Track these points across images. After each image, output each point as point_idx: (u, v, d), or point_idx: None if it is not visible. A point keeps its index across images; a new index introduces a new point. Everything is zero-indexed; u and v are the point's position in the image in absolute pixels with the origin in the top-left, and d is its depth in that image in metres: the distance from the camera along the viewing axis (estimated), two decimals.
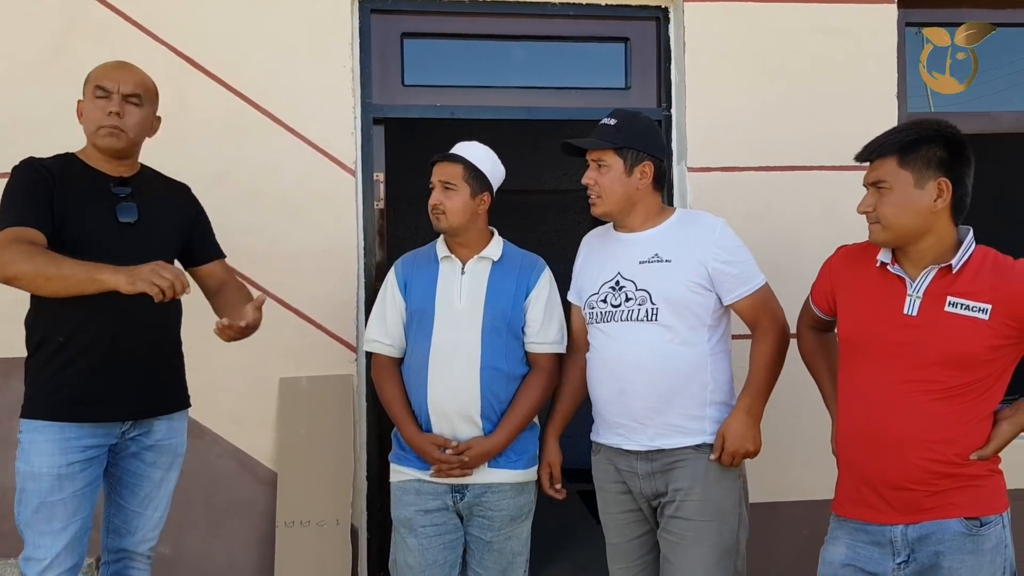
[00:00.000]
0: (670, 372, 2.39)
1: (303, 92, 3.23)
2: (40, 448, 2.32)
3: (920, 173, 2.01)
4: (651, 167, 2.48)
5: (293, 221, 3.23)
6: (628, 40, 3.53)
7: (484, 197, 2.62)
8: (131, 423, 2.44)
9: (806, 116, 3.40)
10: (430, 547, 2.55)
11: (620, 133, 2.49)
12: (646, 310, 2.41)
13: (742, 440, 2.38)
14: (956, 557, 2.00)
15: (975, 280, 2.02)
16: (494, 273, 2.62)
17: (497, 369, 2.55)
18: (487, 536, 2.58)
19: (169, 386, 2.54)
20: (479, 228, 2.64)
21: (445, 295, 2.59)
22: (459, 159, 2.61)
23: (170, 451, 2.53)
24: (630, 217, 2.51)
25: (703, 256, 2.41)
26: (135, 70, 2.46)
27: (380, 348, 2.67)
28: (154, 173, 2.57)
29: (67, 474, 2.32)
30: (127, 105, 2.40)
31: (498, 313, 2.57)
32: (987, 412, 2.04)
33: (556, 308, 2.68)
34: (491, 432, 2.55)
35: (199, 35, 3.20)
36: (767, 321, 2.46)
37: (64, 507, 2.32)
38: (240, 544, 3.22)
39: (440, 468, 2.53)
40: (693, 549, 2.36)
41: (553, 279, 2.71)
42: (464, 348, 2.54)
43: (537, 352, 2.64)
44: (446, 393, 2.53)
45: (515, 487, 2.60)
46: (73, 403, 2.34)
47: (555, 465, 2.65)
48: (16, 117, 3.10)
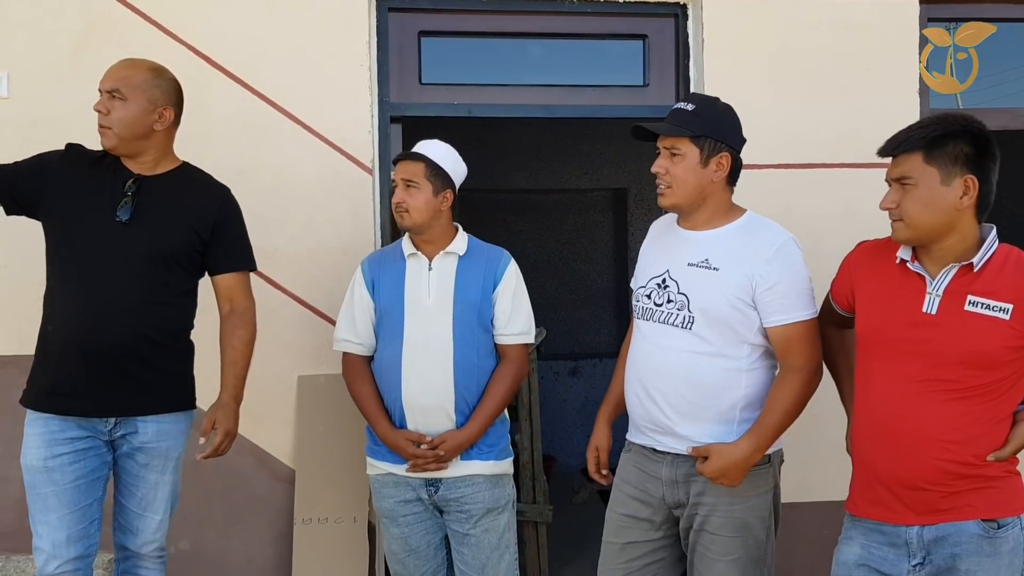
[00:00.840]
0: (696, 384, 2.27)
1: (321, 91, 3.24)
2: (30, 441, 2.39)
3: (946, 169, 1.97)
4: (728, 159, 2.31)
5: (311, 219, 3.24)
6: (646, 37, 3.51)
7: (447, 195, 2.65)
8: (115, 421, 2.44)
9: (826, 113, 3.37)
10: (412, 534, 2.64)
11: (698, 120, 2.30)
12: (683, 316, 2.30)
13: (724, 472, 2.24)
14: (973, 560, 1.97)
15: (997, 279, 1.98)
16: (460, 267, 2.64)
17: (470, 362, 2.59)
18: (464, 529, 2.62)
19: (151, 387, 2.47)
20: (443, 225, 2.66)
21: (414, 292, 2.62)
22: (420, 157, 2.63)
23: (160, 454, 2.50)
24: (698, 212, 2.34)
25: (752, 272, 2.24)
26: (121, 65, 2.47)
27: (350, 347, 2.72)
28: (189, 173, 2.57)
29: (55, 466, 2.36)
30: (112, 101, 2.42)
31: (467, 306, 2.60)
32: (1006, 413, 2.01)
33: (523, 299, 2.70)
34: (463, 425, 2.58)
35: (218, 34, 3.22)
36: (797, 359, 2.27)
37: (57, 499, 2.35)
38: (258, 540, 3.24)
39: (416, 463, 2.56)
40: (718, 564, 2.31)
41: (519, 271, 2.72)
42: (436, 343, 2.58)
43: (505, 344, 2.67)
44: (420, 388, 2.57)
45: (489, 479, 2.62)
46: (47, 393, 2.39)
47: (603, 450, 2.56)
48: (38, 116, 3.13)
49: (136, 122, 2.43)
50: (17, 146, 3.05)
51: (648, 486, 2.39)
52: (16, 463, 2.71)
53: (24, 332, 3.00)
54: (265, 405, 3.22)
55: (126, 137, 2.44)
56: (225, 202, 2.59)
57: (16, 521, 3.07)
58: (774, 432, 2.28)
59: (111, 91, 2.42)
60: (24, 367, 3.03)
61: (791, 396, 2.26)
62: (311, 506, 3.16)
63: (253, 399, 3.20)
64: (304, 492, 3.18)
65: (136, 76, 2.44)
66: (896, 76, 3.40)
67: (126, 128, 2.42)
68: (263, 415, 3.23)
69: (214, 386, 2.68)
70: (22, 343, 3.05)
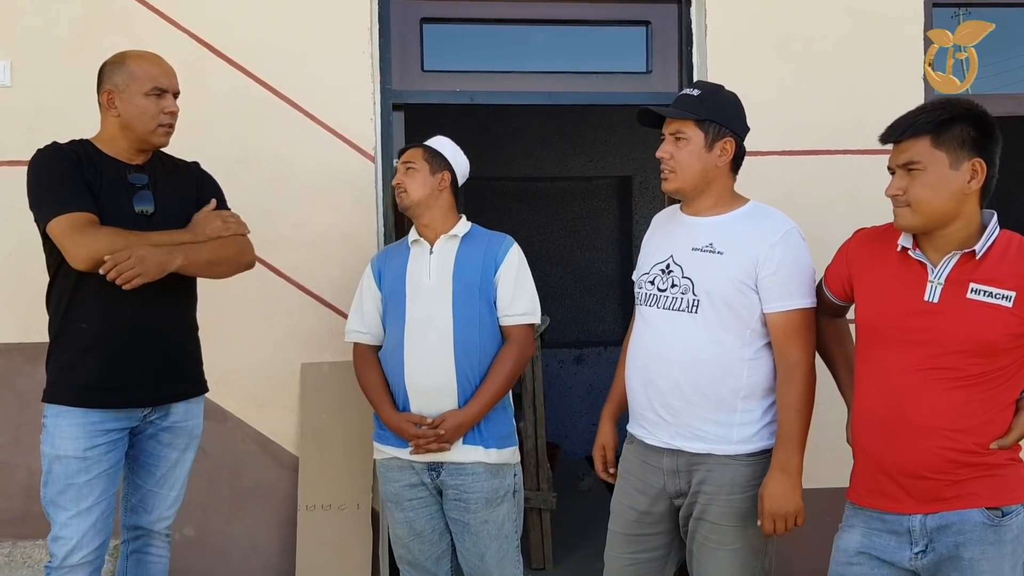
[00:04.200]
0: (697, 370, 2.27)
1: (322, 78, 3.24)
2: (65, 432, 2.36)
3: (954, 154, 1.94)
4: (732, 144, 2.32)
5: (313, 207, 3.25)
6: (649, 23, 3.49)
7: (444, 175, 2.70)
8: (151, 408, 2.48)
9: (830, 100, 3.35)
10: (417, 519, 2.66)
11: (703, 104, 2.30)
12: (688, 300, 2.29)
13: (781, 501, 2.19)
14: (977, 548, 1.96)
15: (999, 266, 1.96)
16: (461, 249, 2.68)
17: (470, 341, 2.60)
18: (465, 518, 2.63)
19: (187, 372, 2.57)
20: (443, 207, 2.70)
21: (415, 275, 2.66)
22: (419, 144, 2.75)
23: (186, 433, 2.57)
24: (701, 197, 2.35)
25: (756, 256, 2.24)
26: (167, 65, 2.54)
27: (359, 337, 2.76)
28: (164, 158, 2.59)
29: (93, 456, 2.37)
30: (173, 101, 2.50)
31: (466, 285, 2.62)
32: (1008, 401, 1.99)
33: (526, 281, 2.71)
34: (465, 404, 2.59)
35: (219, 22, 3.22)
36: (796, 353, 2.25)
37: (91, 488, 2.37)
38: (262, 527, 3.26)
39: (418, 444, 2.57)
40: (718, 553, 2.31)
41: (522, 254, 2.73)
42: (436, 323, 2.60)
43: (509, 324, 2.67)
44: (422, 368, 2.59)
45: (489, 469, 2.62)
46: (94, 389, 2.38)
47: (609, 448, 2.56)
48: (40, 104, 3.14)
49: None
50: (20, 134, 3.08)
51: (650, 478, 2.38)
52: (22, 450, 2.74)
53: (28, 320, 3.03)
54: (269, 392, 3.24)
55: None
56: (200, 172, 2.66)
57: (22, 507, 3.10)
58: (796, 436, 2.24)
59: (176, 94, 2.52)
60: (29, 355, 3.06)
61: (801, 395, 2.25)
62: (315, 493, 3.18)
63: (256, 386, 3.24)
64: (308, 479, 3.19)
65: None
66: (901, 62, 3.37)
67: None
68: (267, 402, 3.25)
69: (217, 372, 2.69)
70: (27, 331, 3.08)
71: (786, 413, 2.25)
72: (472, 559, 2.65)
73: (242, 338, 3.21)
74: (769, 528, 2.24)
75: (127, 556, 2.62)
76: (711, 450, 2.29)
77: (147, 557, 2.61)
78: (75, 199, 2.32)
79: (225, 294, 3.00)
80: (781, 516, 2.22)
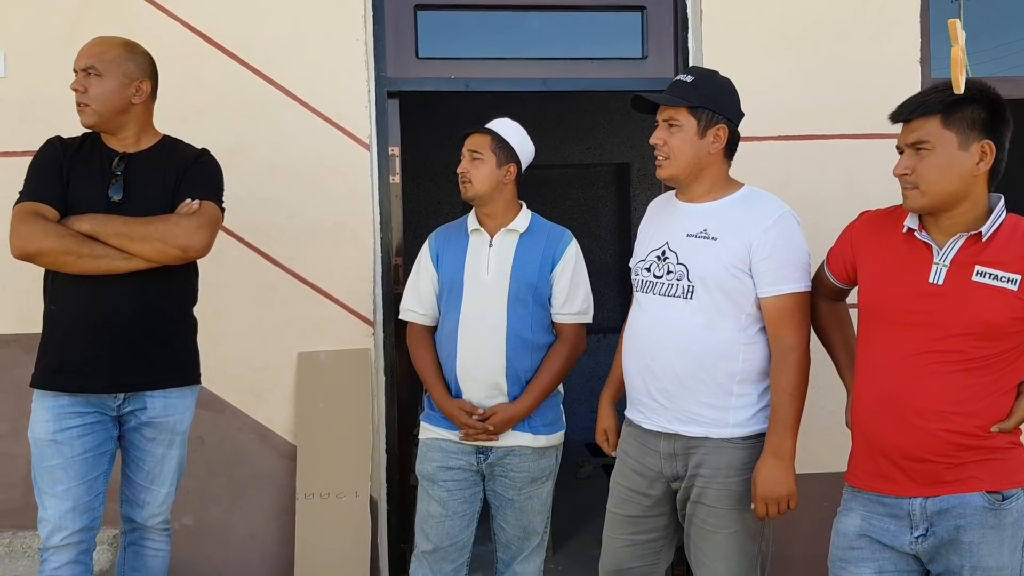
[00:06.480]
0: (693, 356, 2.28)
1: (317, 66, 3.23)
2: (38, 415, 2.41)
3: (964, 134, 1.93)
4: (725, 131, 2.32)
5: (309, 196, 3.24)
6: (644, 8, 3.47)
7: (510, 168, 2.69)
8: (124, 397, 2.46)
9: (827, 84, 3.34)
10: (451, 499, 2.67)
11: (696, 91, 2.31)
12: (683, 286, 2.30)
13: (773, 485, 2.21)
14: (977, 532, 1.96)
15: (1005, 249, 1.95)
16: (521, 245, 2.68)
17: (522, 338, 2.63)
18: (509, 495, 2.68)
19: (159, 362, 2.49)
20: (506, 199, 2.69)
21: (473, 267, 2.67)
22: (487, 131, 2.71)
23: (168, 428, 2.52)
24: (695, 184, 2.35)
25: (749, 240, 2.25)
26: (94, 43, 2.49)
27: (414, 317, 2.77)
28: (171, 145, 2.57)
29: (63, 439, 2.38)
30: (88, 78, 2.44)
31: (523, 285, 2.64)
32: (1011, 384, 1.99)
33: (582, 280, 2.74)
34: (516, 398, 2.62)
35: (213, 11, 3.20)
36: (790, 338, 2.25)
37: (64, 471, 2.38)
38: (261, 516, 3.26)
39: (468, 432, 2.62)
40: (715, 536, 2.32)
41: (580, 251, 2.75)
42: (490, 319, 2.62)
43: (562, 323, 2.71)
44: (473, 361, 2.63)
45: (536, 451, 2.68)
46: (56, 372, 2.41)
47: (611, 431, 2.61)
48: (35, 95, 3.13)
49: (113, 96, 2.45)
50: (15, 125, 3.07)
51: (648, 460, 2.40)
52: (20, 441, 2.73)
53: (25, 311, 3.02)
54: (266, 382, 3.24)
55: (105, 113, 2.45)
56: (192, 154, 2.57)
57: (21, 498, 3.10)
58: (789, 421, 2.24)
59: (86, 69, 2.44)
60: (26, 346, 3.05)
61: (794, 379, 2.25)
62: (313, 481, 3.19)
63: (253, 376, 3.24)
64: (305, 468, 3.20)
65: (109, 52, 2.46)
66: (897, 46, 3.35)
67: (104, 103, 2.44)
68: (264, 392, 3.25)
69: (214, 361, 2.68)
70: (24, 322, 3.07)
71: (779, 397, 2.25)
72: (512, 531, 2.71)
73: (238, 328, 3.20)
74: (762, 511, 2.25)
75: (125, 547, 2.63)
76: (707, 433, 2.30)
77: (144, 550, 2.61)
78: (36, 189, 2.37)
79: (221, 284, 3.00)
80: (773, 500, 2.23)
